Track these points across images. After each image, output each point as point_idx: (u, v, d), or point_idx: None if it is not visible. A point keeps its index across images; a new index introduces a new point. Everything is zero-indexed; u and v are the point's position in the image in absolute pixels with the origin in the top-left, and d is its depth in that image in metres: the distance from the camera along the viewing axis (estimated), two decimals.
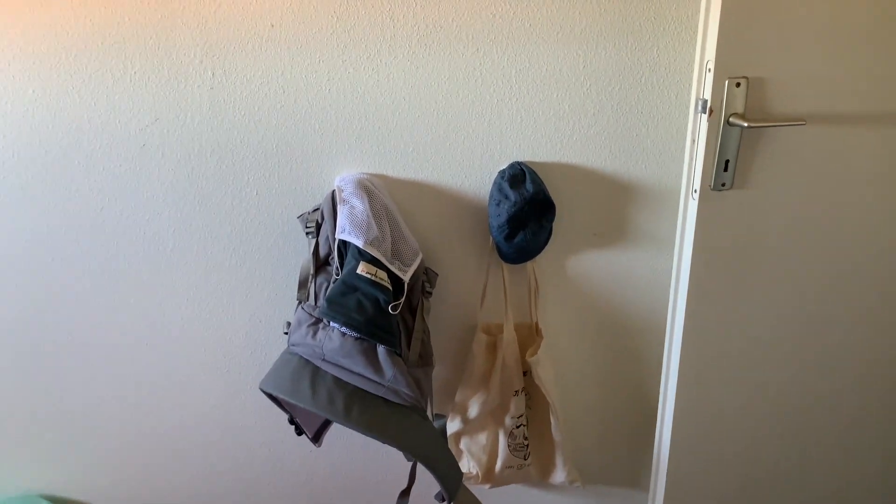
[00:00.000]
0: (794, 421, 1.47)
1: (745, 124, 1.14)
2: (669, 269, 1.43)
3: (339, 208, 1.25)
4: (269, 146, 1.32)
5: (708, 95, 1.16)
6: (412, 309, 1.33)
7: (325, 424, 1.46)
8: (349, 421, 1.20)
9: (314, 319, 1.28)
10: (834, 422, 1.48)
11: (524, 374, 1.46)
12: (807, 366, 1.42)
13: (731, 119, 1.16)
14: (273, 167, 1.34)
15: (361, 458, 1.66)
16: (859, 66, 1.16)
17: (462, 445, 1.54)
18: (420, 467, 1.30)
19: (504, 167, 1.33)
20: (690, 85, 1.28)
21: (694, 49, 1.24)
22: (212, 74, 1.27)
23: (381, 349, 1.23)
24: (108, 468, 1.66)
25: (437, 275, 1.41)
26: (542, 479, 1.57)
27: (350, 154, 1.33)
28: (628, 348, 1.53)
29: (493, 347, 1.45)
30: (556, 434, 1.49)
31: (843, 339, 1.40)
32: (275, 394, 1.25)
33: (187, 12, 1.22)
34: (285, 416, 1.39)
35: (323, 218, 1.31)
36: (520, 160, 1.34)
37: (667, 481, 1.49)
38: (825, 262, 1.32)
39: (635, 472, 1.70)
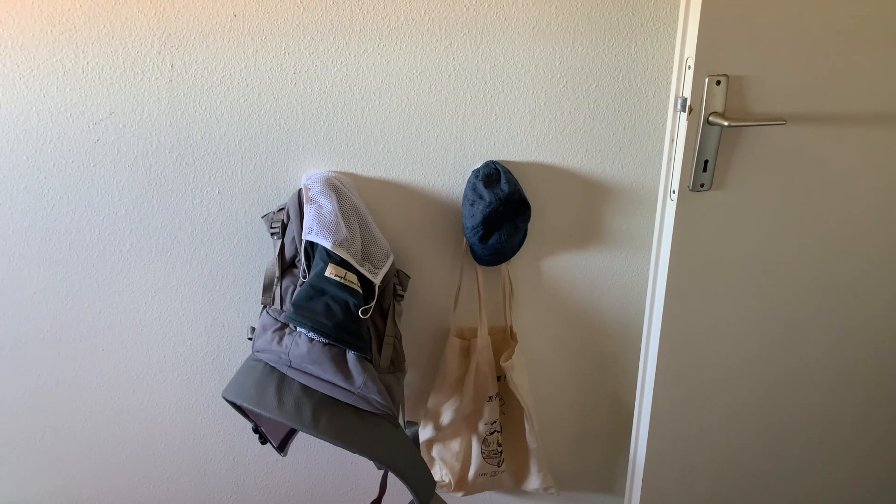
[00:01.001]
0: (772, 426, 1.47)
1: (725, 123, 1.12)
2: (647, 272, 1.41)
3: (306, 208, 1.20)
4: (232, 142, 1.27)
5: (688, 93, 1.14)
6: (383, 313, 1.29)
7: (292, 433, 1.41)
8: (317, 430, 1.16)
9: (280, 324, 1.23)
10: (811, 427, 1.48)
11: (498, 379, 1.43)
12: (785, 369, 1.41)
13: (710, 118, 1.14)
14: (236, 164, 1.28)
15: (330, 467, 1.61)
16: (841, 65, 1.15)
17: (434, 453, 1.50)
18: (392, 476, 1.25)
19: (478, 166, 1.30)
20: (669, 83, 1.26)
21: (673, 46, 1.22)
22: (171, 66, 1.20)
23: (350, 355, 1.19)
24: (64, 478, 1.59)
25: (409, 277, 1.37)
26: (516, 485, 1.55)
27: (317, 151, 1.28)
28: (604, 352, 1.51)
29: (466, 352, 1.42)
30: (531, 440, 1.47)
31: (823, 342, 1.39)
32: (239, 402, 1.20)
33: None
34: (249, 425, 1.33)
35: (289, 218, 1.26)
36: (494, 159, 1.30)
37: (643, 487, 1.47)
38: (805, 264, 1.31)
39: (611, 478, 1.68)
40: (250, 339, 1.31)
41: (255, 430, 1.34)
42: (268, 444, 1.37)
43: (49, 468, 1.58)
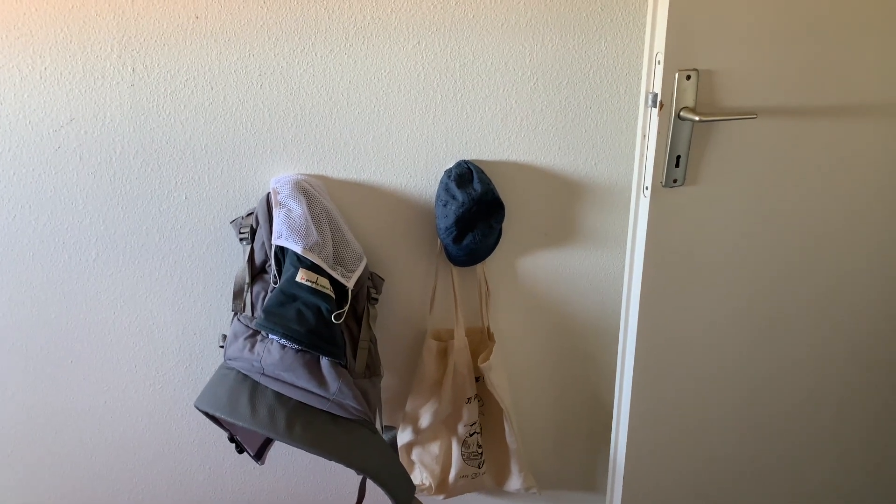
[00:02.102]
0: (751, 421, 1.47)
1: (696, 118, 1.11)
2: (622, 269, 1.40)
3: (276, 212, 1.18)
4: (198, 147, 1.24)
5: (658, 89, 1.13)
6: (357, 317, 1.28)
7: (269, 441, 1.39)
8: (292, 439, 1.14)
9: (251, 331, 1.21)
10: (790, 421, 1.48)
11: (476, 380, 1.42)
12: (764, 365, 1.41)
13: (681, 113, 1.13)
14: (202, 169, 1.26)
15: (308, 474, 1.59)
16: (811, 58, 1.15)
17: (414, 456, 1.49)
18: (371, 482, 1.24)
19: (450, 166, 1.28)
20: (640, 78, 1.25)
21: (643, 41, 1.21)
22: (132, 70, 1.17)
23: (324, 361, 1.17)
24: (35, 489, 1.55)
25: (383, 280, 1.35)
26: (497, 486, 1.54)
27: (286, 154, 1.26)
28: (582, 350, 1.50)
29: (443, 354, 1.40)
30: (511, 440, 1.46)
31: (800, 336, 1.39)
32: (211, 412, 1.18)
33: (101, 1, 1.12)
34: (225, 434, 1.31)
35: (258, 223, 1.23)
36: (466, 158, 1.29)
37: (624, 484, 1.47)
38: (781, 259, 1.31)
39: (592, 476, 1.68)
40: (222, 346, 1.28)
41: (231, 440, 1.32)
42: (244, 452, 1.35)
43: (20, 480, 1.54)
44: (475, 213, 1.24)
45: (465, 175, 1.25)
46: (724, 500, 1.56)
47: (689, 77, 1.11)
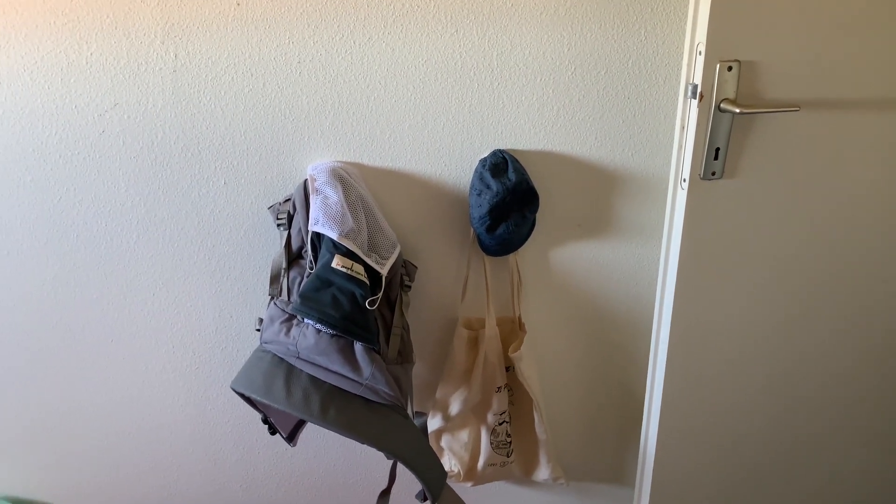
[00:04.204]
0: (783, 415, 1.45)
1: (737, 110, 1.09)
2: (657, 262, 1.39)
3: (312, 198, 1.19)
4: (237, 133, 1.26)
5: (698, 80, 1.12)
6: (390, 304, 1.29)
7: (300, 423, 1.41)
8: (326, 422, 1.16)
9: (287, 316, 1.22)
10: (823, 416, 1.46)
11: (507, 369, 1.42)
12: (797, 359, 1.39)
13: (722, 105, 1.12)
14: (241, 155, 1.28)
15: (339, 457, 1.61)
16: (856, 49, 1.12)
17: (443, 443, 1.50)
18: (402, 466, 1.25)
19: (485, 155, 1.28)
20: (680, 69, 1.23)
21: (684, 31, 1.20)
22: (174, 56, 1.19)
23: (358, 346, 1.18)
24: (73, 469, 1.60)
25: (416, 268, 1.36)
26: (525, 476, 1.54)
27: (323, 141, 1.27)
28: (614, 343, 1.50)
29: (474, 343, 1.41)
30: (540, 431, 1.46)
31: (835, 333, 1.37)
32: (247, 394, 1.20)
33: None
34: (258, 416, 1.33)
35: (295, 209, 1.25)
36: (502, 148, 1.29)
37: (653, 477, 1.46)
38: (818, 254, 1.29)
39: (621, 469, 1.67)
40: (258, 330, 1.30)
41: (265, 421, 1.34)
42: (277, 434, 1.37)
43: (58, 459, 1.59)
44: (509, 202, 1.24)
45: (499, 164, 1.25)
46: (755, 495, 1.54)
47: (730, 68, 1.10)
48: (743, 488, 1.53)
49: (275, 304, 1.26)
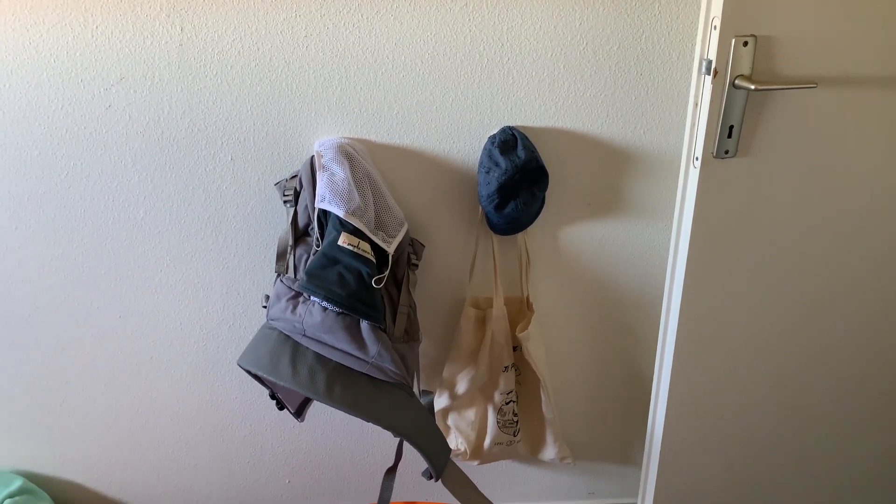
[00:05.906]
0: (793, 399, 1.44)
1: (752, 87, 1.07)
2: (667, 242, 1.37)
3: (319, 175, 1.18)
4: (244, 108, 1.24)
5: (713, 55, 1.09)
6: (397, 282, 1.28)
7: (308, 400, 1.41)
8: (331, 399, 1.16)
9: (294, 293, 1.22)
10: (833, 401, 1.45)
11: (514, 349, 1.42)
12: (808, 343, 1.38)
13: (736, 81, 1.09)
14: (248, 131, 1.26)
15: (347, 434, 1.62)
16: (875, 25, 1.09)
17: (450, 422, 1.50)
18: (407, 444, 1.25)
19: (494, 132, 1.26)
20: (694, 44, 1.21)
21: (699, 5, 1.17)
22: (180, 30, 1.18)
23: (364, 324, 1.18)
24: (83, 443, 1.61)
25: (423, 246, 1.35)
26: (532, 455, 1.55)
27: (330, 117, 1.25)
28: (622, 323, 1.49)
29: (481, 322, 1.40)
30: (547, 410, 1.46)
31: (848, 316, 1.35)
32: (253, 371, 1.21)
33: None
34: (266, 392, 1.33)
35: (301, 186, 1.24)
36: (511, 125, 1.27)
37: (660, 459, 1.46)
38: (833, 235, 1.26)
39: (628, 449, 1.67)
40: (265, 307, 1.30)
41: (272, 397, 1.35)
42: (285, 410, 1.38)
43: (66, 434, 1.60)
44: (518, 180, 1.22)
45: (509, 141, 1.24)
46: (762, 479, 1.54)
47: (745, 43, 1.07)
48: (751, 469, 1.52)
49: (281, 280, 1.25)
